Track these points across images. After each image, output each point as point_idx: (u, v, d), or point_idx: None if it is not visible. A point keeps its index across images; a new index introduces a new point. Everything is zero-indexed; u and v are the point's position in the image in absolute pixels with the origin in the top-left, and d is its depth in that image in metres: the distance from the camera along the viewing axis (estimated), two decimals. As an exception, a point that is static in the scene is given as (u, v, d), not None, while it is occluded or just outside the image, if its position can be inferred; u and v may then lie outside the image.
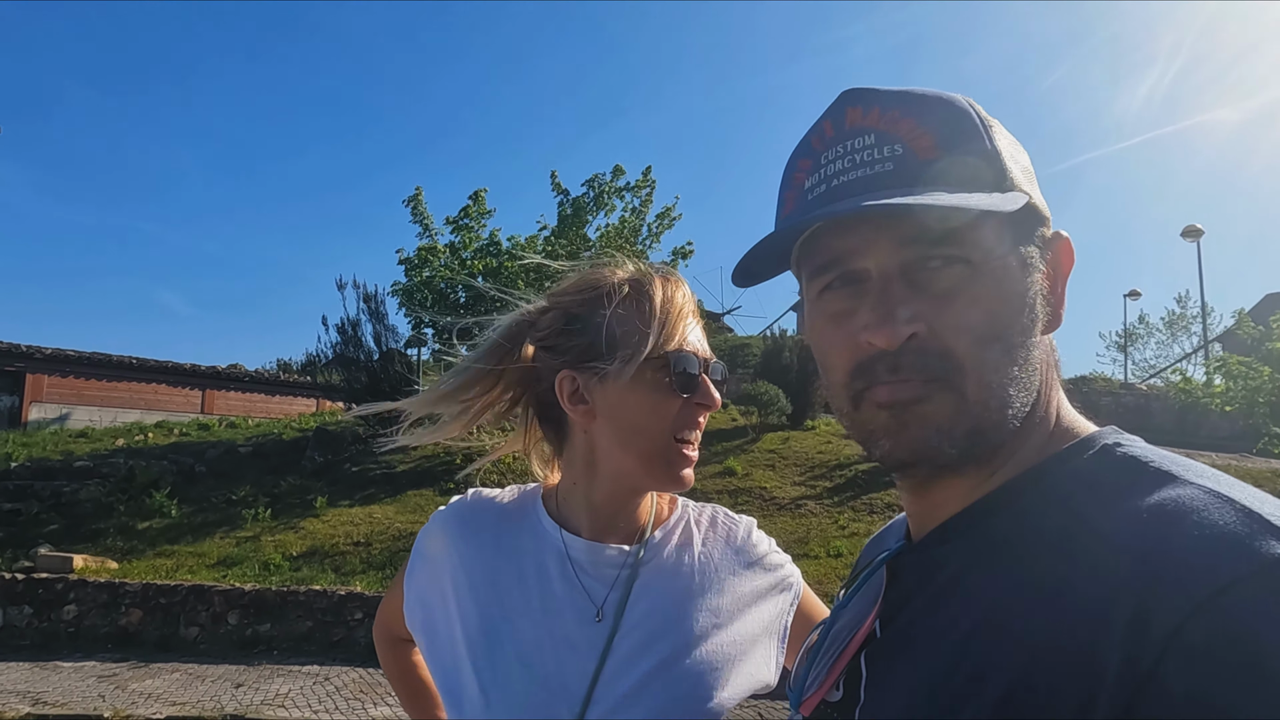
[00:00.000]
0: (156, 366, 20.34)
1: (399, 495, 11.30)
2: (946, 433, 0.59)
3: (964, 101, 0.64)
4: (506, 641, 0.97)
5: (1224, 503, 0.50)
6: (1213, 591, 0.45)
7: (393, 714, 6.06)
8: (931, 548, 0.65)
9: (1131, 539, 0.50)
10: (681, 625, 0.99)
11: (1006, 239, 0.61)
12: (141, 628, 8.13)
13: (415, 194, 14.84)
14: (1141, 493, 0.53)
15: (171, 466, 12.32)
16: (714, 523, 1.11)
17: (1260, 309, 20.24)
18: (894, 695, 0.60)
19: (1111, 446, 0.60)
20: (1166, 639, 0.45)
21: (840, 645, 0.71)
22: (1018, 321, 0.60)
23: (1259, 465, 10.99)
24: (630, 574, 1.00)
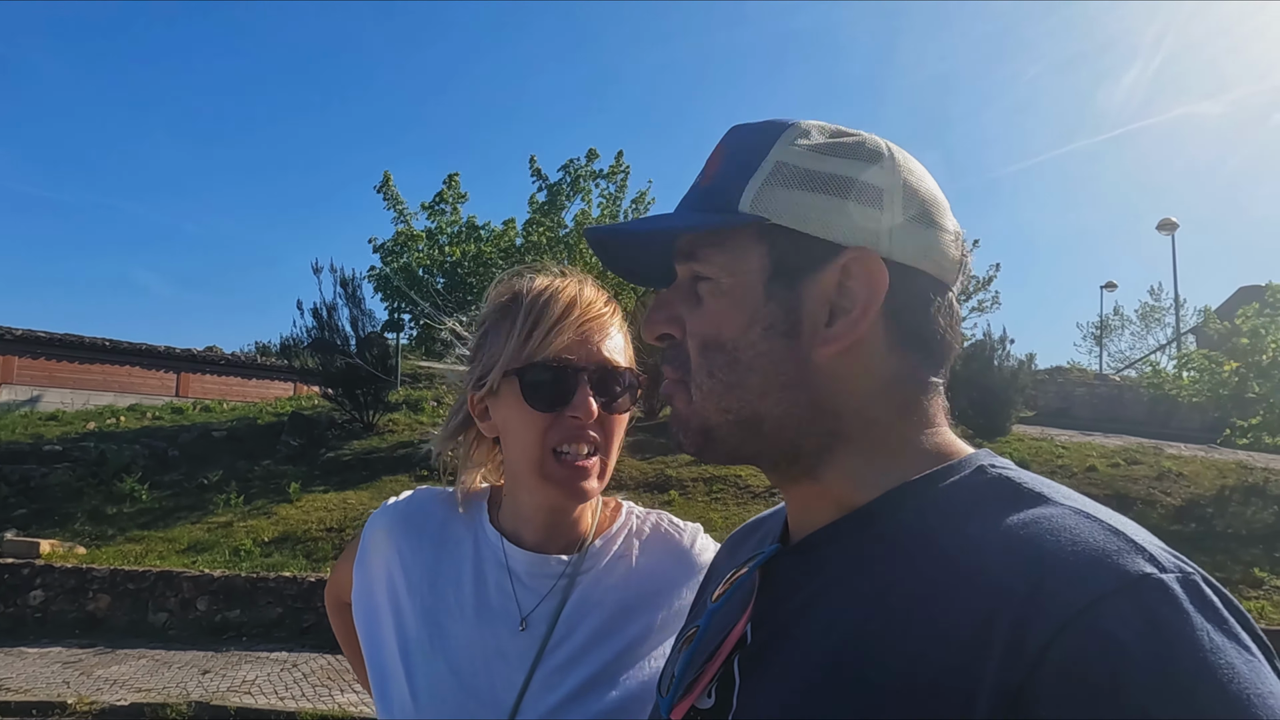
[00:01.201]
0: (131, 349, 20.07)
1: (374, 481, 11.27)
2: (682, 426, 0.68)
3: (784, 125, 0.66)
4: (439, 648, 0.97)
5: (1093, 522, 0.52)
6: (1081, 607, 0.47)
7: (359, 699, 6.07)
8: (806, 553, 0.66)
9: (1002, 555, 0.52)
10: (616, 638, 0.97)
11: (753, 259, 0.64)
12: (109, 614, 8.09)
13: (385, 180, 14.72)
14: (1013, 511, 0.55)
15: (144, 451, 12.21)
16: (656, 530, 1.07)
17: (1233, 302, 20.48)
18: (766, 702, 0.61)
19: (986, 467, 0.62)
20: (1037, 654, 0.46)
21: (711, 648, 0.70)
22: (746, 336, 0.64)
23: (1225, 456, 11.18)
24: (566, 584, 0.99)
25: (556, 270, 1.05)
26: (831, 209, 0.63)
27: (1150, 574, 0.48)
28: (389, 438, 13.11)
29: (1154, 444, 12.05)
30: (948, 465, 0.63)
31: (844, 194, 0.63)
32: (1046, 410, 16.07)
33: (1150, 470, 10.28)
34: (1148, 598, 0.47)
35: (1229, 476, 10.17)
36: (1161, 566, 0.48)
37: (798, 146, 0.64)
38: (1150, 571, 0.48)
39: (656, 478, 10.91)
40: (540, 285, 1.01)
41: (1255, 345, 9.64)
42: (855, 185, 0.63)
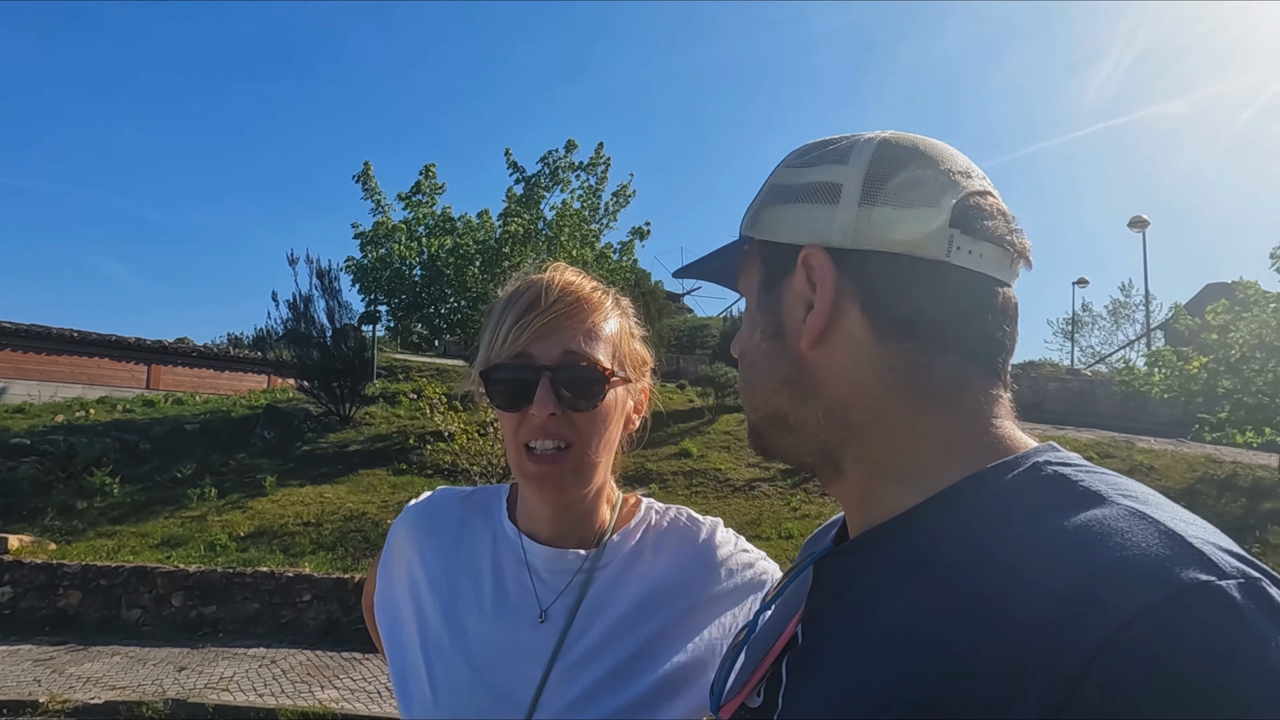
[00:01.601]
0: (99, 340, 19.68)
1: (351, 475, 11.16)
2: (750, 430, 0.75)
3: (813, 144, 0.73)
4: (458, 644, 0.98)
5: (1147, 524, 0.50)
6: (1123, 622, 0.45)
7: (340, 695, 6.02)
8: (857, 553, 0.65)
9: (1047, 564, 0.50)
10: (635, 632, 0.96)
11: (754, 275, 0.73)
12: (81, 610, 7.94)
13: (364, 169, 14.58)
14: (1066, 512, 0.53)
15: (114, 444, 11.99)
16: (675, 525, 1.07)
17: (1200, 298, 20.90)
18: (811, 705, 0.61)
19: (1041, 464, 0.60)
20: (1079, 673, 0.45)
21: (764, 648, 0.71)
22: (750, 342, 0.73)
23: (1194, 450, 11.40)
24: (585, 579, 0.99)
25: (536, 266, 1.05)
26: (794, 216, 0.68)
27: (1205, 581, 0.45)
28: (366, 431, 12.99)
29: (1125, 438, 12.26)
30: (1002, 463, 0.61)
31: (806, 199, 0.68)
32: (1019, 405, 15.78)
33: (1122, 464, 10.45)
34: (1198, 608, 0.44)
35: (1198, 470, 10.37)
36: (1220, 572, 0.46)
37: (784, 166, 0.72)
38: (1206, 579, 0.45)
39: (637, 471, 10.91)
40: (512, 286, 1.02)
41: (1224, 341, 9.82)
42: (815, 188, 0.68)
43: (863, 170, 0.65)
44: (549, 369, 0.95)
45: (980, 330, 0.64)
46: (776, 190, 0.71)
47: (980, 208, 0.65)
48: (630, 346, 1.04)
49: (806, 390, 0.67)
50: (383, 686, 6.27)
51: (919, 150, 0.66)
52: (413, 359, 22.32)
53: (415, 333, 18.15)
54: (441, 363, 20.98)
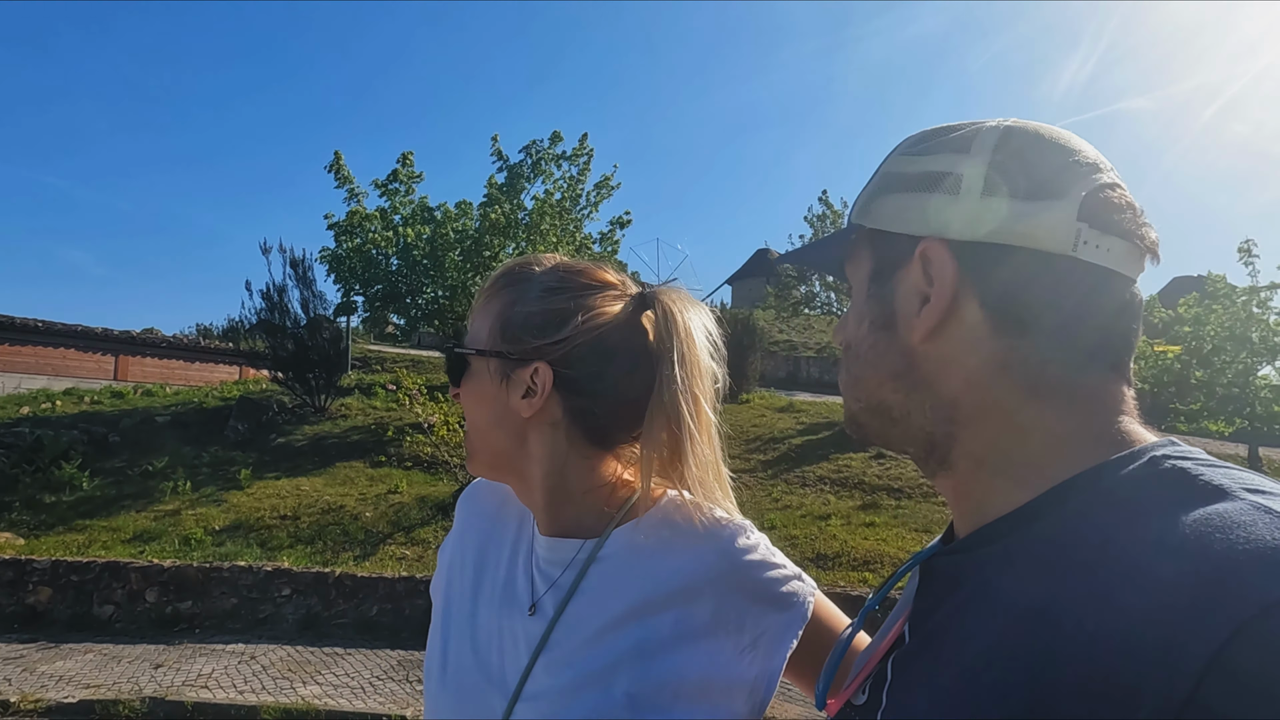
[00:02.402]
0: (65, 330, 19.22)
1: (328, 467, 11.02)
2: (846, 419, 0.76)
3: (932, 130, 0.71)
4: (469, 626, 0.99)
5: (1273, 518, 0.48)
6: (1256, 612, 0.44)
7: (322, 691, 5.94)
8: (964, 552, 0.65)
9: (1167, 559, 0.49)
10: (630, 630, 0.89)
11: (863, 265, 0.72)
12: (51, 606, 7.76)
13: (335, 159, 14.35)
14: (1185, 508, 0.52)
15: (82, 436, 11.73)
16: (695, 521, 0.95)
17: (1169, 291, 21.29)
18: (915, 701, 0.60)
19: (1160, 458, 0.58)
20: (1207, 662, 0.43)
21: (872, 647, 0.72)
22: (858, 333, 0.71)
23: (1164, 441, 11.61)
24: (578, 571, 0.93)
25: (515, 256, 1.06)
26: (911, 205, 0.67)
27: None
28: (342, 423, 12.83)
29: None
30: (1117, 457, 0.59)
31: (923, 188, 0.67)
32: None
33: (1096, 454, 10.63)
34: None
35: (1170, 460, 10.57)
36: None
37: (898, 153, 0.70)
38: None
39: (618, 463, 10.88)
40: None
41: (1196, 333, 10.01)
42: (933, 178, 0.66)
43: (985, 160, 0.64)
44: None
45: (1103, 326, 0.63)
46: (890, 179, 0.69)
47: (1110, 201, 0.63)
48: (501, 324, 0.95)
49: (915, 383, 0.67)
50: (366, 682, 6.20)
51: (1044, 139, 0.64)
52: (388, 350, 22.12)
53: (391, 324, 17.95)
54: (418, 354, 20.80)
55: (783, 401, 13.83)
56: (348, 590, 7.68)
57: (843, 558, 7.93)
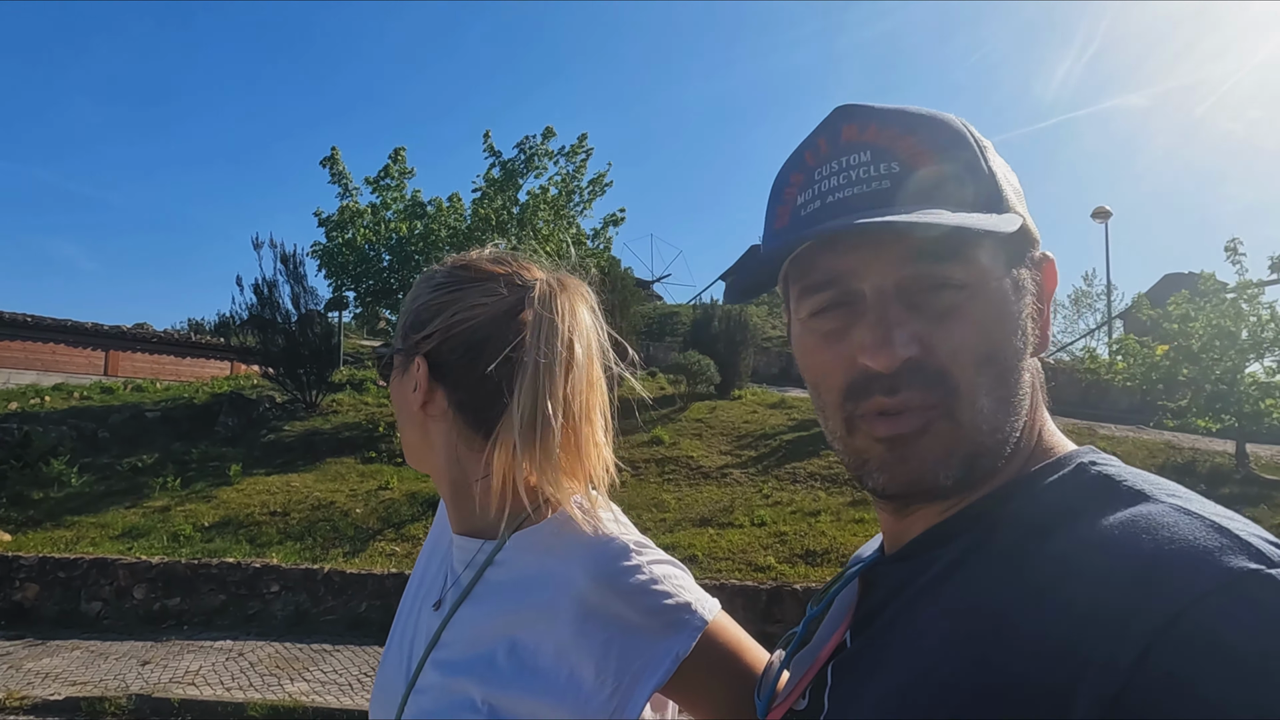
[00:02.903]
0: (54, 325, 19.10)
1: (318, 464, 10.99)
2: (944, 464, 0.59)
3: (959, 122, 0.64)
4: (401, 622, 1.04)
5: (1194, 519, 0.51)
6: (1180, 609, 0.45)
7: (310, 688, 5.93)
8: (905, 560, 0.65)
9: (1099, 559, 0.51)
10: (495, 642, 0.89)
11: (1001, 261, 0.61)
12: (38, 603, 7.73)
13: (332, 154, 14.29)
14: (1114, 510, 0.54)
15: (71, 432, 11.68)
16: (580, 533, 0.91)
17: (1159, 289, 21.37)
18: (857, 707, 0.61)
19: (1086, 465, 0.60)
20: (1138, 659, 0.45)
21: (812, 654, 0.71)
22: (1010, 344, 0.60)
23: (1152, 436, 11.68)
24: (475, 571, 0.94)
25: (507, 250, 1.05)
26: (1024, 208, 0.64)
27: (1256, 569, 0.46)
28: (333, 419, 12.80)
29: (1088, 425, 12.52)
30: (1048, 464, 0.62)
31: (1019, 192, 0.65)
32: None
33: (1085, 451, 10.68)
34: (1255, 594, 0.45)
35: (1159, 456, 10.62)
36: (1269, 561, 0.47)
37: (987, 147, 0.64)
38: (1256, 567, 0.46)
39: (609, 459, 10.88)
40: None
41: (1184, 331, 10.04)
42: (1015, 181, 0.65)
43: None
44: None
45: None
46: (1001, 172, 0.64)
47: None
48: (414, 309, 0.97)
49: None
50: (354, 678, 6.20)
51: None
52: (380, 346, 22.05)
53: (383, 319, 17.89)
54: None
55: (774, 398, 13.84)
56: (337, 587, 7.67)
57: (832, 554, 7.96)
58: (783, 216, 0.66)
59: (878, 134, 0.62)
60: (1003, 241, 0.60)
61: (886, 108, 0.64)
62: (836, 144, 0.63)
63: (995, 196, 0.61)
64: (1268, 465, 10.33)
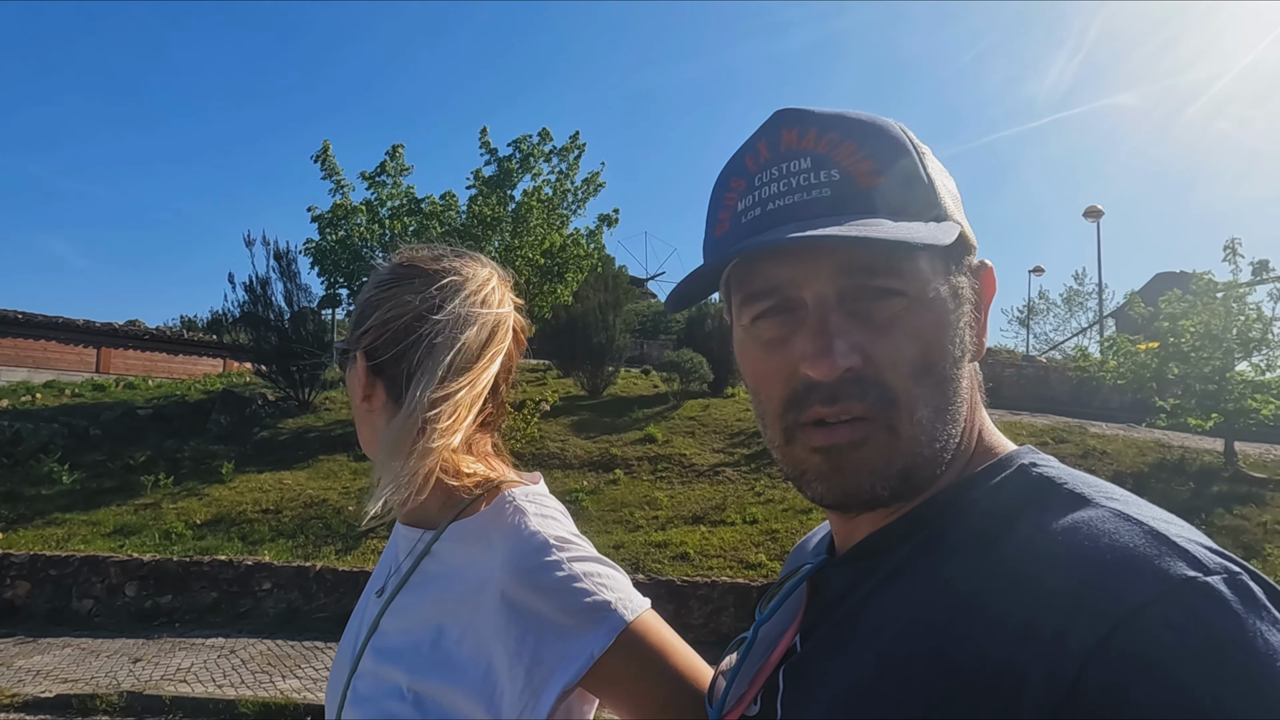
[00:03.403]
0: (46, 322, 19.03)
1: (311, 461, 10.98)
2: (881, 475, 0.59)
3: (897, 128, 0.64)
4: (358, 605, 1.07)
5: (1133, 525, 0.51)
6: (1121, 617, 0.46)
7: (302, 685, 5.93)
8: (852, 563, 0.65)
9: (1044, 561, 0.51)
10: (422, 631, 0.91)
11: (939, 269, 0.61)
12: (29, 600, 7.71)
13: (324, 149, 14.21)
14: (1054, 515, 0.54)
15: (62, 429, 11.64)
16: (505, 520, 0.92)
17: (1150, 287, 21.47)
18: (811, 708, 0.61)
19: (1027, 467, 0.61)
20: (1079, 667, 0.45)
21: (760, 659, 0.71)
22: (948, 354, 0.60)
23: (1144, 435, 11.74)
24: (414, 562, 0.97)
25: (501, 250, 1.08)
26: (961, 215, 0.63)
27: (1193, 577, 0.47)
28: (326, 416, 12.79)
29: (1079, 423, 12.57)
30: (990, 465, 0.62)
31: (957, 198, 0.65)
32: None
33: (1076, 448, 10.72)
34: (1192, 602, 0.46)
35: (1149, 454, 10.67)
36: (1205, 568, 0.47)
37: (924, 153, 0.64)
38: (1193, 575, 0.47)
39: (601, 457, 10.90)
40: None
41: (1175, 329, 10.09)
42: (953, 186, 0.65)
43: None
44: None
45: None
46: (940, 178, 0.64)
47: None
48: (359, 305, 1.01)
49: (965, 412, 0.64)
50: (346, 675, 6.20)
51: None
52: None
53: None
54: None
55: (767, 396, 13.84)
56: (329, 584, 7.67)
57: (823, 551, 7.98)
58: (724, 223, 0.65)
59: (817, 140, 0.62)
60: (941, 250, 0.60)
61: (826, 112, 0.63)
62: (777, 150, 0.63)
63: (933, 204, 0.62)
64: (1256, 463, 10.40)
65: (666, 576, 7.38)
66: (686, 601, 7.10)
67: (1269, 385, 9.85)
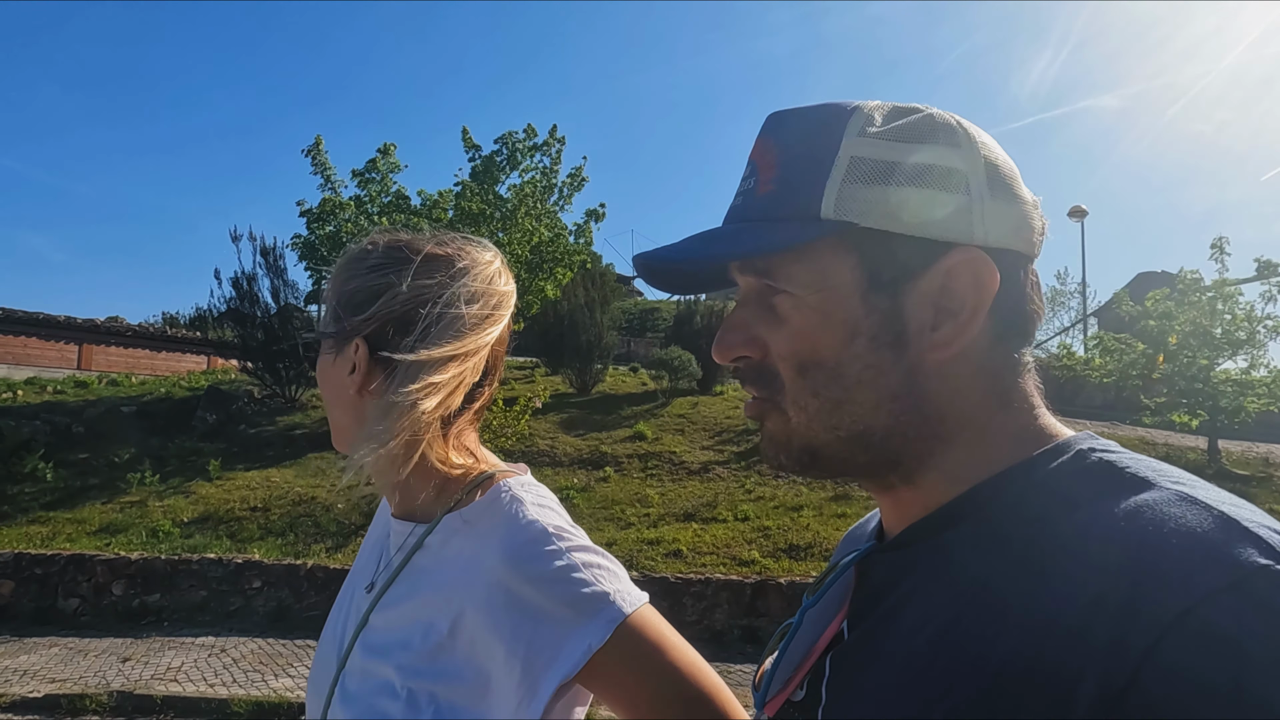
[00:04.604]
0: (26, 318, 18.76)
1: (299, 458, 10.90)
2: (783, 448, 0.65)
3: (847, 110, 0.62)
4: (339, 600, 1.05)
5: (1200, 508, 0.50)
6: (1191, 604, 0.44)
7: (294, 684, 5.89)
8: (901, 549, 0.64)
9: (1103, 549, 0.50)
10: (414, 625, 0.89)
11: (843, 269, 0.61)
12: (14, 600, 7.61)
13: (315, 143, 14.10)
14: (1115, 499, 0.53)
15: (45, 427, 11.49)
16: (503, 510, 0.91)
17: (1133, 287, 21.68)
18: (858, 696, 0.60)
19: (1086, 451, 0.59)
20: (1144, 652, 0.44)
21: (807, 645, 0.70)
22: (849, 350, 0.61)
23: (1127, 433, 11.86)
24: (407, 554, 0.95)
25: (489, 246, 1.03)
26: (922, 203, 0.59)
27: (1267, 565, 0.45)
28: (313, 413, 12.69)
29: (1064, 421, 12.68)
30: (1045, 450, 0.60)
31: (930, 184, 0.59)
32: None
33: (1062, 446, 10.82)
34: (1264, 591, 0.44)
35: (1134, 450, 10.79)
36: (1278, 555, 0.46)
37: (868, 135, 0.60)
38: (1266, 563, 0.45)
39: (592, 455, 10.90)
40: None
41: (1163, 328, 10.21)
42: (938, 171, 0.59)
43: (979, 155, 0.61)
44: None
45: (1029, 320, 0.65)
46: (869, 166, 0.60)
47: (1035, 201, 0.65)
48: (349, 290, 0.96)
49: (910, 402, 0.61)
50: (338, 674, 6.16)
51: (988, 135, 0.64)
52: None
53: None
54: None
55: (756, 393, 13.89)
56: (319, 582, 7.62)
57: (815, 548, 8.02)
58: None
59: (757, 145, 0.66)
60: (841, 248, 0.60)
61: (788, 112, 0.65)
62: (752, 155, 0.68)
63: (810, 203, 0.60)
64: (1239, 460, 10.54)
65: (660, 573, 7.39)
66: (680, 598, 7.11)
67: (1254, 384, 9.99)
